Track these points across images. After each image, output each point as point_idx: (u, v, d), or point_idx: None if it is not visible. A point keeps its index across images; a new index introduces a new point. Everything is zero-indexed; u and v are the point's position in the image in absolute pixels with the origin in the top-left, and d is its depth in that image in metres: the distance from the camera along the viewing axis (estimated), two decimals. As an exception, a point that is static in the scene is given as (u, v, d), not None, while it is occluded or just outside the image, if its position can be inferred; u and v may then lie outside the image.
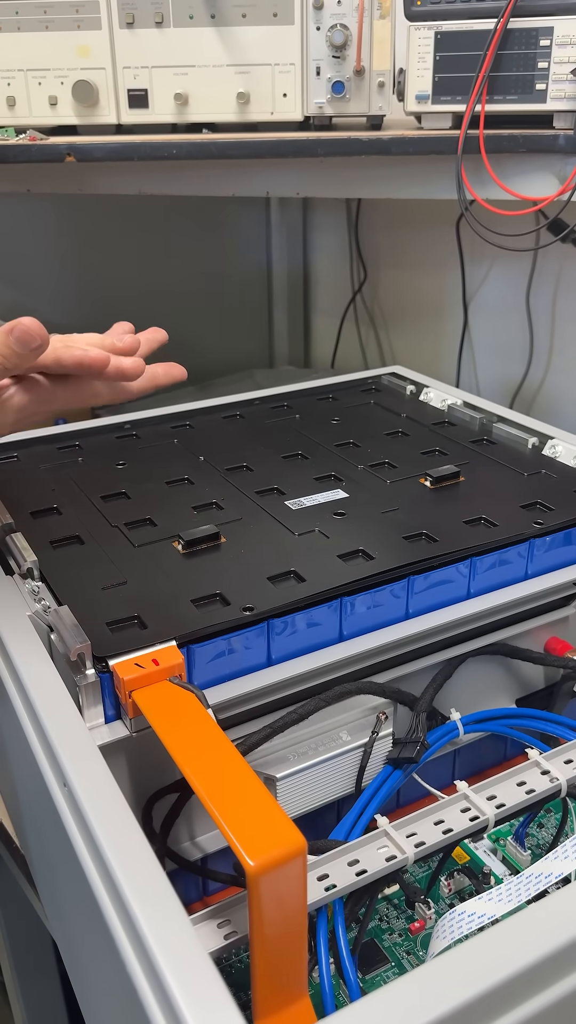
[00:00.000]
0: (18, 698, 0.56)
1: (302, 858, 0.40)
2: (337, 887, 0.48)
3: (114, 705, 0.54)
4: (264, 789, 0.43)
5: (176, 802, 0.55)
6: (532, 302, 1.39)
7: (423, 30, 1.01)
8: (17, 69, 1.12)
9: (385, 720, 0.59)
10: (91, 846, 0.45)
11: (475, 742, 0.65)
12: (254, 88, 1.10)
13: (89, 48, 1.11)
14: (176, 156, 1.05)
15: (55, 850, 0.53)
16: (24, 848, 0.71)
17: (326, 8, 1.05)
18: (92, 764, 0.48)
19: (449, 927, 0.46)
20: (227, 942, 0.46)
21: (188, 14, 1.08)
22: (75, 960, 0.59)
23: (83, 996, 0.58)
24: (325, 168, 1.12)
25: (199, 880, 0.61)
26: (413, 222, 1.58)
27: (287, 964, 0.42)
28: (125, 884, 0.42)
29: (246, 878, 0.39)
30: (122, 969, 0.40)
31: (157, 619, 0.57)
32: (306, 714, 0.56)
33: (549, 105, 0.97)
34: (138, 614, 0.58)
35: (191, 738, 0.47)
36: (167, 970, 0.38)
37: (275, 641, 0.58)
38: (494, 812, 0.53)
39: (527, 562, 0.67)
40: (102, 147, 1.06)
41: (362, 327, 1.77)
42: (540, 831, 0.64)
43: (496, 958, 0.39)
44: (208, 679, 0.57)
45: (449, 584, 0.64)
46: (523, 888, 0.47)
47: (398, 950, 0.56)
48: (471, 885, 0.59)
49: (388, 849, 0.51)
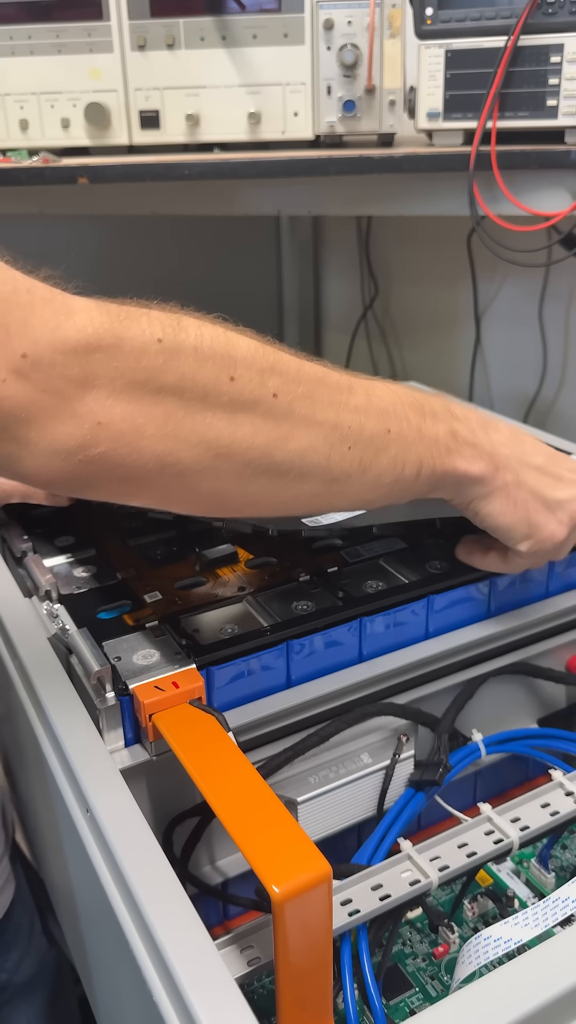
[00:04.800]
0: (38, 722, 0.56)
1: (327, 884, 0.39)
2: (361, 912, 0.48)
3: (134, 728, 0.53)
4: (287, 814, 0.42)
5: (197, 826, 0.55)
6: (544, 316, 1.39)
7: (434, 48, 1.01)
8: (30, 92, 1.13)
9: (406, 742, 0.59)
10: (115, 872, 0.45)
11: (497, 763, 0.64)
12: (265, 108, 1.11)
13: (101, 71, 1.12)
14: (188, 176, 1.05)
15: (77, 876, 0.53)
16: (44, 873, 0.71)
17: (336, 28, 1.05)
18: (114, 789, 0.48)
19: (475, 952, 0.46)
20: (251, 968, 0.45)
21: (199, 36, 1.09)
22: (96, 985, 0.59)
23: (105, 1022, 0.58)
24: (336, 186, 1.13)
25: (220, 904, 0.61)
26: (424, 237, 1.59)
27: (312, 990, 0.42)
28: (150, 911, 0.41)
29: (271, 904, 0.38)
30: (147, 996, 0.40)
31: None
32: (327, 736, 0.56)
33: (560, 121, 0.98)
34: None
35: (212, 762, 0.47)
36: (194, 998, 0.38)
37: (294, 662, 0.58)
38: (518, 835, 0.52)
39: (548, 580, 0.67)
40: (114, 168, 1.07)
41: (373, 342, 1.77)
42: (564, 853, 0.63)
43: (528, 985, 0.38)
44: (228, 700, 0.56)
45: (469, 603, 0.64)
46: (549, 913, 0.46)
47: (422, 975, 0.55)
48: (495, 908, 0.58)
49: (411, 873, 0.50)
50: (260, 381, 0.45)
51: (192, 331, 0.44)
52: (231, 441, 0.45)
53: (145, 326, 0.43)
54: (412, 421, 0.52)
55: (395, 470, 0.51)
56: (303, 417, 0.47)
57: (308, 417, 0.47)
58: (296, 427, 0.47)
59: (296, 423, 0.47)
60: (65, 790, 0.51)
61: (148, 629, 0.58)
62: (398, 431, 0.51)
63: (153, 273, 1.73)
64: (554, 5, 0.94)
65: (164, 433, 0.43)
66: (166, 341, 0.43)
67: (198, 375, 0.44)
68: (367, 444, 0.50)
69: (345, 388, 0.50)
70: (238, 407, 0.45)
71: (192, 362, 0.43)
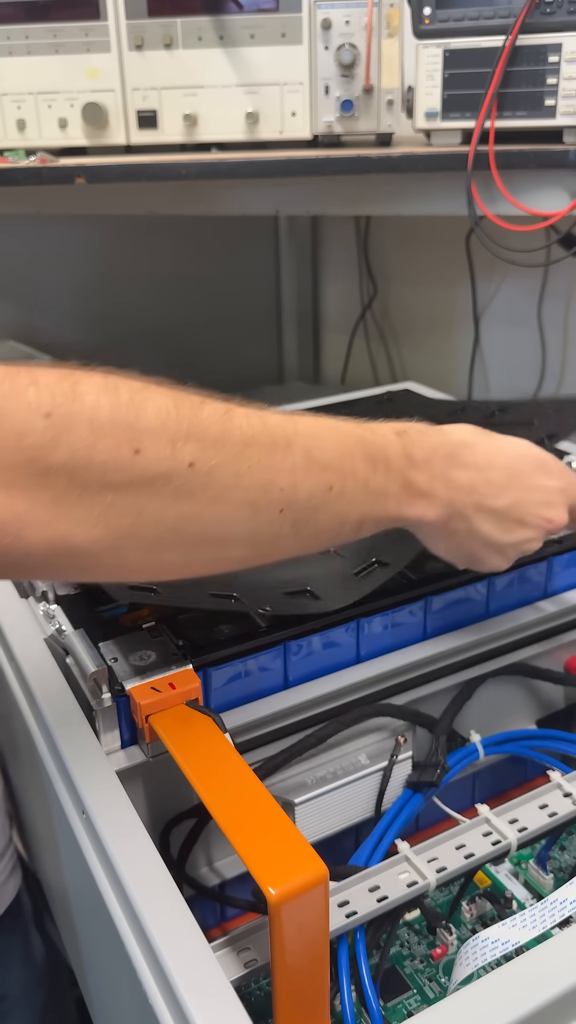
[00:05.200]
0: (34, 723, 0.56)
1: (324, 886, 0.39)
2: (358, 914, 0.48)
3: (130, 729, 0.53)
4: (284, 816, 0.42)
5: (194, 827, 0.55)
6: (543, 316, 1.39)
7: (432, 48, 1.01)
8: (27, 92, 1.12)
9: (404, 743, 0.59)
10: (111, 874, 0.45)
11: (495, 764, 0.64)
12: (263, 107, 1.10)
13: (98, 70, 1.11)
14: (186, 176, 1.05)
15: (73, 878, 0.53)
16: (41, 874, 0.71)
17: (334, 28, 1.05)
18: (110, 791, 0.48)
19: (473, 954, 0.46)
20: (247, 970, 0.45)
21: (197, 36, 1.08)
22: (92, 987, 0.59)
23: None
24: (335, 186, 1.12)
25: (217, 905, 0.60)
26: (422, 237, 1.58)
27: (309, 993, 0.42)
28: (146, 913, 0.41)
29: (267, 906, 0.38)
30: (143, 998, 0.40)
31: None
32: (324, 737, 0.56)
33: (559, 121, 0.97)
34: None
35: (209, 763, 0.46)
36: (189, 1000, 0.38)
37: (291, 663, 0.58)
38: (516, 836, 0.52)
39: (546, 580, 0.67)
40: (112, 168, 1.06)
41: (372, 342, 1.77)
42: (562, 854, 0.63)
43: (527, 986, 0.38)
44: (225, 701, 0.56)
45: (467, 603, 0.64)
46: (547, 914, 0.46)
47: (420, 977, 0.55)
48: (493, 910, 0.58)
49: (409, 875, 0.50)
50: (172, 451, 0.40)
51: (89, 399, 0.39)
52: (136, 520, 0.40)
53: (32, 398, 0.37)
54: (360, 474, 0.48)
55: (334, 527, 0.48)
56: (225, 486, 0.42)
57: (231, 485, 0.42)
58: (216, 497, 0.42)
59: (216, 493, 0.42)
60: (61, 791, 0.51)
61: (145, 630, 0.58)
62: (340, 488, 0.47)
63: (151, 273, 1.73)
64: (552, 5, 0.94)
65: (54, 518, 0.38)
66: (56, 415, 0.37)
67: (94, 451, 0.38)
68: (302, 505, 0.45)
69: (281, 445, 0.44)
70: (145, 483, 0.40)
71: (87, 436, 0.38)
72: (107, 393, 0.39)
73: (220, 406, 0.43)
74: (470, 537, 0.54)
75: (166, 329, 1.72)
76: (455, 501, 0.52)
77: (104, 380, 0.40)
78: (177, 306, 1.75)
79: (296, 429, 0.46)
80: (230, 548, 0.45)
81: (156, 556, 0.42)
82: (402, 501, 0.50)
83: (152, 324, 1.71)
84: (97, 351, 0.65)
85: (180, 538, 0.42)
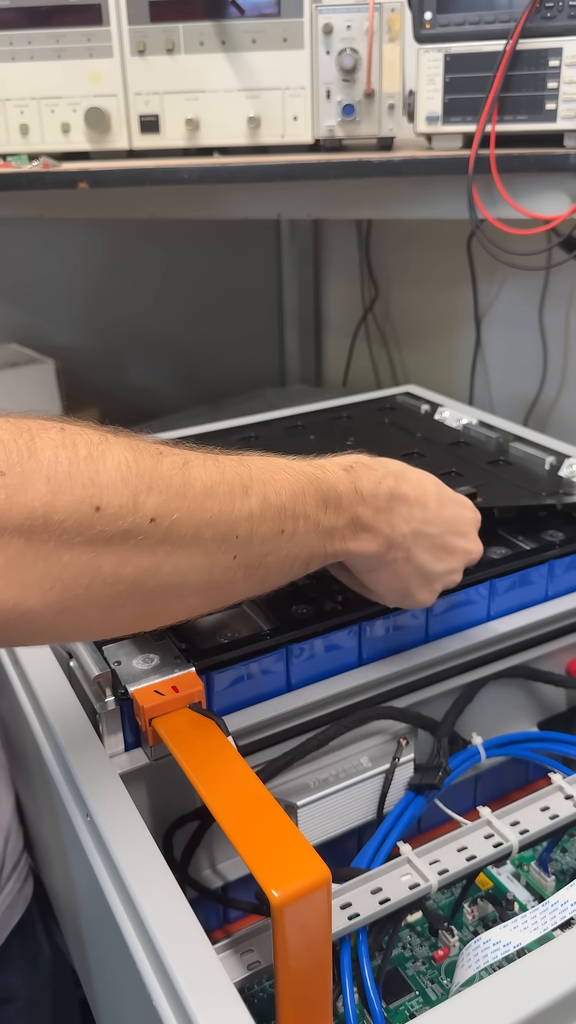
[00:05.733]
0: (39, 726, 0.56)
1: (327, 888, 0.39)
2: (360, 916, 0.48)
3: (134, 732, 0.54)
4: (287, 818, 0.43)
5: (197, 830, 0.55)
6: (545, 319, 1.39)
7: (432, 52, 1.02)
8: (30, 97, 1.13)
9: (406, 745, 0.59)
10: (114, 877, 0.45)
11: (497, 766, 0.64)
12: (264, 112, 1.11)
13: (101, 75, 1.12)
14: (188, 180, 1.06)
15: (78, 880, 0.53)
16: (45, 877, 0.71)
17: (336, 32, 1.05)
18: (114, 794, 0.48)
19: (475, 956, 0.46)
20: (250, 972, 0.45)
21: (199, 41, 1.09)
22: (96, 989, 0.59)
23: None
24: (336, 190, 1.13)
25: (220, 907, 0.61)
26: (423, 240, 1.59)
27: (312, 995, 0.42)
28: (149, 915, 0.41)
29: (270, 909, 0.38)
30: (147, 1000, 0.40)
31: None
32: (326, 740, 0.56)
33: (559, 124, 0.98)
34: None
35: (212, 766, 0.47)
36: (193, 1002, 0.38)
37: (294, 666, 0.58)
38: (518, 838, 0.52)
39: (547, 583, 0.67)
40: (114, 173, 1.07)
41: (373, 345, 1.77)
42: (564, 856, 0.63)
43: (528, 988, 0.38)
44: (227, 704, 0.57)
45: (469, 606, 0.64)
46: (549, 916, 0.46)
47: (422, 979, 0.55)
48: (495, 912, 0.58)
49: (411, 877, 0.50)
50: (134, 506, 0.39)
51: (46, 455, 0.37)
52: (94, 578, 0.38)
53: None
54: (311, 516, 0.48)
55: (283, 566, 0.48)
56: (185, 538, 0.41)
57: (191, 537, 0.41)
58: (176, 550, 0.41)
59: (176, 545, 0.41)
60: (65, 795, 0.51)
61: (148, 633, 0.58)
62: (292, 530, 0.47)
63: (153, 276, 1.73)
64: (552, 9, 0.94)
65: (6, 584, 0.36)
66: (10, 474, 0.35)
67: (51, 510, 0.36)
68: (256, 550, 0.45)
69: (239, 492, 0.44)
70: (105, 540, 0.38)
71: (44, 495, 0.36)
72: (64, 448, 0.37)
73: (178, 456, 0.42)
74: (405, 566, 0.54)
75: (168, 332, 1.73)
76: (395, 533, 0.53)
77: (61, 434, 0.38)
78: (179, 309, 1.75)
79: (251, 475, 0.45)
80: (185, 598, 0.44)
81: (112, 614, 0.41)
82: (347, 537, 0.51)
83: (154, 327, 1.72)
84: (99, 354, 0.65)
85: (137, 593, 0.41)
